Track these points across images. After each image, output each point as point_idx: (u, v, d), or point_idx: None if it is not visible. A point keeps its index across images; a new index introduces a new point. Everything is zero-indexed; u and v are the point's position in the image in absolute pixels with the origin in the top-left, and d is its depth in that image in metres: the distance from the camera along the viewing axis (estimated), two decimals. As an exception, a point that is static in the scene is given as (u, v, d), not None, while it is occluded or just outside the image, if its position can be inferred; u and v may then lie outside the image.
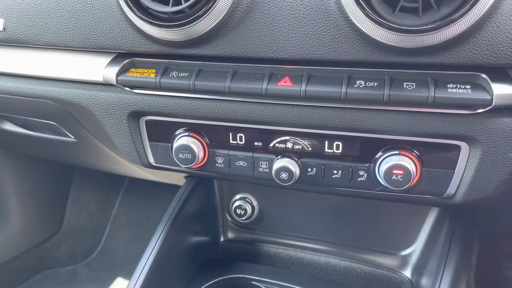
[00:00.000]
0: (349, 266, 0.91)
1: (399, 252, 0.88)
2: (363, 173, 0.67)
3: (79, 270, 1.90)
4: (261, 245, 0.98)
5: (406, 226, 0.86)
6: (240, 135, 0.71)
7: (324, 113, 0.64)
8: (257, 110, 0.66)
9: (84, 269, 1.91)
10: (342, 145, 0.67)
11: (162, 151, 0.75)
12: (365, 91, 0.59)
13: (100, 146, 0.94)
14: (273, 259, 0.96)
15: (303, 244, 0.96)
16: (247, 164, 0.72)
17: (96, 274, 1.87)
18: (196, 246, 0.94)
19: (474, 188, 0.63)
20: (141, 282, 0.78)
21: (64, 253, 1.92)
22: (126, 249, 1.96)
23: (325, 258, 0.93)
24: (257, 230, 0.99)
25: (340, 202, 0.87)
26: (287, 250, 0.96)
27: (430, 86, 0.57)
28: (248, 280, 0.90)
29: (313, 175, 0.69)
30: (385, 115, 0.61)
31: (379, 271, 0.88)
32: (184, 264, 0.90)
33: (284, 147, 0.69)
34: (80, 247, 1.95)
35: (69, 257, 1.92)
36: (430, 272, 0.79)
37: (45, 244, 1.88)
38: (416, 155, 0.64)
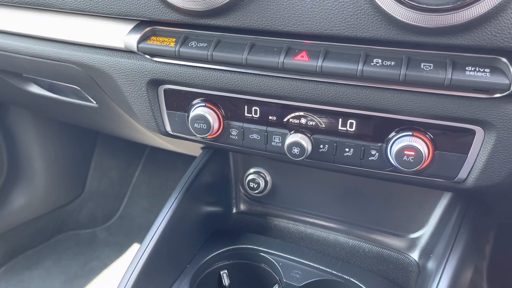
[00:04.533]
0: (357, 245, 0.92)
1: (408, 234, 0.88)
2: (375, 152, 0.67)
3: (98, 233, 1.97)
4: (272, 219, 1.00)
5: (417, 209, 0.86)
6: (255, 108, 0.72)
7: (339, 90, 0.64)
8: (272, 83, 0.66)
9: (103, 233, 1.98)
10: (356, 124, 0.67)
11: (178, 120, 0.77)
12: (382, 70, 0.59)
13: (121, 112, 0.97)
14: (282, 233, 0.97)
15: (313, 221, 0.97)
16: (261, 137, 0.73)
17: (114, 239, 1.94)
18: (208, 216, 0.96)
19: (486, 174, 0.63)
20: (151, 248, 0.81)
21: (85, 216, 1.99)
22: (144, 217, 2.02)
23: (334, 235, 0.94)
24: (269, 204, 1.01)
25: (352, 182, 0.88)
26: (297, 226, 0.98)
27: (448, 68, 0.56)
28: (257, 251, 0.92)
29: (324, 152, 0.70)
30: (400, 95, 0.61)
31: (386, 251, 0.89)
32: (195, 232, 0.93)
33: (297, 122, 0.70)
34: (101, 212, 2.02)
35: (89, 220, 2.00)
36: (436, 255, 0.79)
37: (67, 206, 1.96)
38: (429, 137, 0.63)
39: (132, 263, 0.79)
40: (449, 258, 0.73)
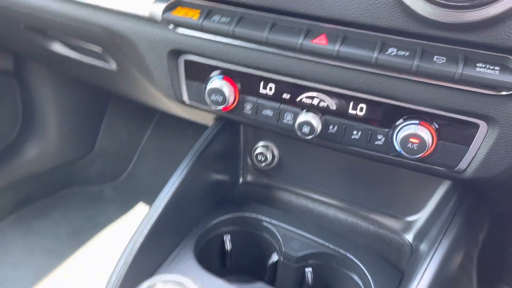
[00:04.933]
0: (356, 223, 0.96)
1: (405, 217, 0.92)
2: (381, 137, 0.70)
3: (105, 191, 2.04)
4: (276, 191, 1.04)
5: (416, 194, 0.90)
6: (270, 85, 0.74)
7: (354, 75, 0.66)
8: (290, 63, 0.69)
9: (110, 191, 2.04)
10: (366, 108, 0.70)
11: (196, 90, 0.80)
12: (396, 59, 0.61)
13: (139, 77, 1.00)
14: (285, 206, 1.02)
15: (315, 196, 1.01)
16: (273, 114, 0.76)
17: (121, 197, 2.00)
18: (216, 184, 1.01)
19: (485, 166, 0.66)
20: (161, 209, 0.85)
21: (94, 173, 2.05)
22: (150, 178, 2.08)
23: (334, 212, 0.98)
24: (274, 177, 1.05)
25: (356, 163, 0.91)
26: (299, 200, 1.02)
27: (460, 63, 0.58)
28: (259, 220, 0.97)
29: (333, 133, 0.73)
30: (411, 85, 0.64)
31: (382, 231, 0.93)
32: (202, 198, 0.97)
33: (310, 102, 0.73)
34: (109, 170, 2.07)
35: (97, 178, 2.06)
36: (429, 239, 0.83)
37: (77, 162, 2.01)
38: (434, 127, 0.66)
39: (142, 222, 0.84)
40: (441, 242, 0.77)
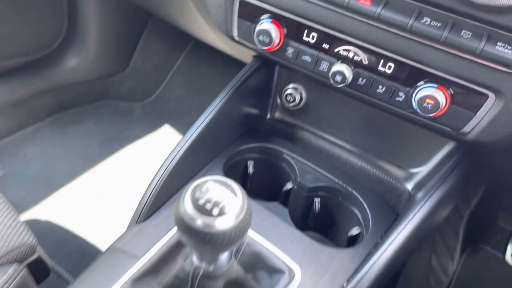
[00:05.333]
0: (364, 167, 1.08)
1: (408, 168, 1.04)
2: (402, 94, 0.81)
3: (134, 108, 2.18)
4: (298, 130, 1.16)
5: (422, 150, 1.01)
6: (313, 34, 0.84)
7: (389, 36, 0.76)
8: (334, 17, 0.78)
9: (139, 109, 2.18)
10: (394, 67, 0.80)
11: (246, 29, 0.90)
12: (428, 28, 0.70)
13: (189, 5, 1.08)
14: (305, 144, 1.14)
15: (332, 139, 1.12)
16: (311, 60, 0.86)
17: (148, 116, 2.15)
18: (246, 116, 1.12)
19: (486, 132, 0.77)
20: (198, 132, 0.97)
21: (125, 90, 2.18)
22: (178, 103, 2.21)
23: (347, 155, 1.10)
24: (299, 117, 1.16)
25: (374, 114, 1.00)
26: (318, 140, 1.13)
27: (483, 40, 0.68)
28: (280, 152, 1.10)
29: (361, 84, 0.84)
30: (437, 53, 0.73)
31: (387, 178, 1.06)
32: (233, 127, 1.09)
33: (345, 55, 0.83)
34: (139, 89, 2.20)
35: (128, 95, 2.19)
36: (425, 189, 0.96)
37: (112, 77, 2.13)
38: (450, 92, 0.76)
39: (183, 139, 0.97)
40: (434, 192, 0.90)
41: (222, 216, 0.58)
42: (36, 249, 0.96)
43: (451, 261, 1.54)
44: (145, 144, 2.01)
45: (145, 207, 0.89)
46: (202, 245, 0.59)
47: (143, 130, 2.07)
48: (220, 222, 0.58)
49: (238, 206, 0.59)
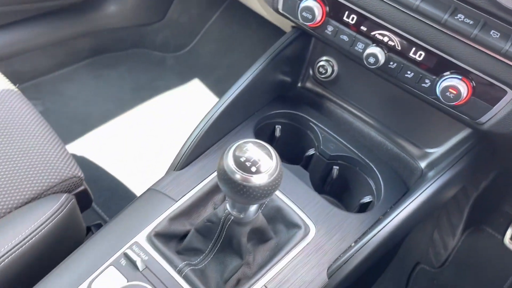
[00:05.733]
0: (383, 142, 1.16)
1: (425, 148, 1.12)
2: (428, 81, 0.88)
3: (167, 59, 2.25)
4: (326, 100, 1.23)
5: (439, 132, 1.08)
6: (353, 16, 0.90)
7: (424, 27, 0.82)
8: (375, 3, 0.84)
9: (172, 60, 2.25)
10: (424, 56, 0.86)
11: (291, 4, 0.96)
12: (460, 25, 0.77)
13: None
14: (330, 114, 1.21)
15: (356, 113, 1.19)
16: (348, 40, 0.93)
17: (180, 68, 2.22)
18: (279, 83, 1.20)
19: (500, 124, 0.84)
20: (235, 94, 1.05)
21: (160, 41, 2.25)
22: (209, 59, 2.27)
23: (368, 129, 1.18)
24: (328, 89, 1.23)
25: (399, 94, 1.06)
26: (343, 112, 1.21)
27: (509, 41, 0.74)
28: (307, 120, 1.18)
29: (392, 68, 0.91)
30: (466, 48, 0.80)
31: (403, 154, 1.14)
32: (265, 92, 1.17)
33: (381, 39, 0.89)
34: (174, 41, 2.26)
35: (162, 46, 2.25)
36: (437, 170, 1.04)
37: (148, 27, 2.20)
38: (472, 85, 0.83)
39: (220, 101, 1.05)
40: (445, 172, 0.99)
41: (258, 174, 0.68)
42: (83, 182, 1.08)
43: (452, 237, 1.63)
44: (175, 95, 2.10)
45: (183, 157, 1.00)
46: (238, 196, 0.70)
47: (174, 81, 2.16)
48: (256, 178, 0.68)
49: (272, 167, 0.69)
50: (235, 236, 0.83)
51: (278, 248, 0.91)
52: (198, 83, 2.17)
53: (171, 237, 0.90)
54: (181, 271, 0.83)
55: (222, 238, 0.84)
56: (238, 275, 0.88)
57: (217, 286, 0.86)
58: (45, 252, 0.94)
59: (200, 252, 0.88)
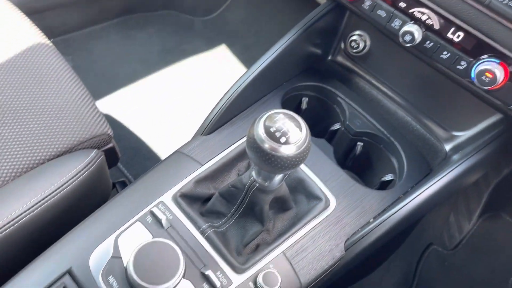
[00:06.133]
0: (409, 121, 1.15)
1: (452, 131, 1.11)
2: (464, 64, 0.86)
3: (195, 23, 2.24)
4: (355, 76, 1.22)
5: (469, 116, 1.07)
6: (392, -9, 0.89)
7: (467, 8, 0.80)
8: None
9: (200, 24, 2.24)
10: (462, 37, 0.85)
11: None
12: (505, 7, 0.75)
13: None
14: (359, 90, 1.21)
15: (385, 90, 1.18)
16: (386, 16, 0.91)
17: (208, 33, 2.21)
18: (309, 54, 1.19)
19: None
20: (267, 63, 1.05)
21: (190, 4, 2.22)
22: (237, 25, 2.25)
23: (395, 107, 1.17)
24: (358, 64, 1.22)
25: (430, 75, 1.04)
26: (372, 89, 1.20)
27: None
28: (334, 94, 1.18)
29: (427, 47, 0.89)
30: (508, 31, 0.78)
31: (428, 135, 1.13)
32: (295, 63, 1.15)
33: (419, 17, 0.88)
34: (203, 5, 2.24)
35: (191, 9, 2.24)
36: (461, 153, 1.04)
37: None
38: (510, 70, 0.82)
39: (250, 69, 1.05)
40: (470, 157, 0.98)
41: (287, 144, 0.69)
42: (111, 139, 1.12)
43: (468, 221, 1.64)
44: (202, 59, 2.10)
45: (211, 123, 1.01)
46: (265, 164, 0.71)
47: (201, 46, 2.16)
48: (284, 148, 0.69)
49: (301, 139, 0.70)
50: (258, 203, 0.85)
51: (298, 218, 0.94)
52: (225, 49, 2.16)
53: (196, 199, 0.93)
54: (204, 231, 0.86)
55: (245, 204, 0.87)
56: (258, 240, 0.91)
57: (237, 249, 0.89)
58: (74, 205, 0.98)
59: (222, 216, 0.91)
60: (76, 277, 0.80)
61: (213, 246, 0.86)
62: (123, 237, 0.84)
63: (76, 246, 0.84)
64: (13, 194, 0.91)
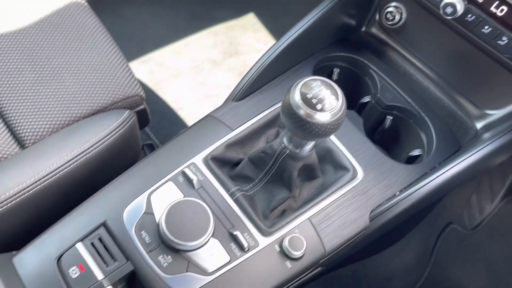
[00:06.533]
0: (441, 97, 1.13)
1: (484, 109, 1.08)
2: (506, 39, 0.85)
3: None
4: (388, 48, 1.20)
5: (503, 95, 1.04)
6: (437, -38, 0.86)
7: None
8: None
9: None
10: (506, 11, 0.83)
11: None
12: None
13: None
14: (392, 63, 1.18)
15: (418, 64, 1.15)
16: (427, -15, 0.89)
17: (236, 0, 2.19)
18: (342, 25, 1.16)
19: None
20: (295, 36, 1.04)
21: (219, -30, 2.20)
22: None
23: (428, 82, 1.14)
24: (392, 37, 1.19)
25: (467, 50, 1.02)
26: (404, 63, 1.17)
27: None
28: (367, 66, 1.16)
29: (469, 21, 0.87)
30: (555, 7, 0.76)
31: (460, 112, 1.11)
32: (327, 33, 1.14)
33: (463, -12, 0.86)
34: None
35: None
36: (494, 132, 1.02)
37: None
38: (552, 48, 0.80)
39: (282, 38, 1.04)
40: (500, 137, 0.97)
41: (322, 112, 0.70)
42: (143, 101, 1.14)
43: (491, 202, 1.63)
44: (230, 27, 2.09)
45: (242, 89, 1.02)
46: (299, 130, 0.72)
47: (230, 13, 2.14)
48: (320, 116, 0.70)
49: (337, 107, 0.71)
50: (287, 170, 0.87)
51: (324, 187, 0.95)
52: (254, 18, 2.14)
53: (225, 163, 0.95)
54: (233, 194, 0.89)
55: (274, 169, 0.88)
56: (284, 206, 0.93)
57: (263, 213, 0.91)
58: (107, 162, 1.02)
59: (250, 180, 0.93)
60: (111, 230, 0.84)
61: (241, 209, 0.88)
62: (155, 194, 0.87)
63: (111, 200, 0.88)
64: (51, 149, 0.94)
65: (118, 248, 0.83)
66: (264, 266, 0.85)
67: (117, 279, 0.80)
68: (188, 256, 0.81)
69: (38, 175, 0.90)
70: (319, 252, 0.88)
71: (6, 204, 0.87)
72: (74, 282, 0.79)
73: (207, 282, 0.81)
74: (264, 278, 0.84)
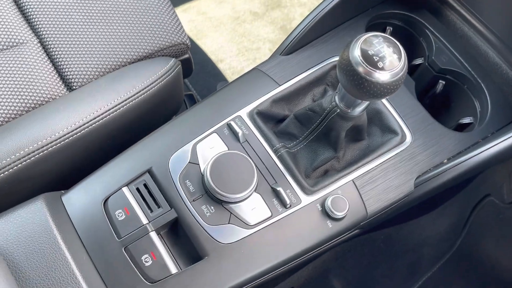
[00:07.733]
0: (499, 64, 1.02)
1: None
2: None
3: None
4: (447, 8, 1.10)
5: None
6: None
7: None
8: None
9: None
10: None
11: None
12: None
13: None
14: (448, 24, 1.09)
15: (478, 26, 1.05)
16: None
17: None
18: None
19: None
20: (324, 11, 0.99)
21: None
22: None
23: (487, 47, 1.04)
24: None
25: None
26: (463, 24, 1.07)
27: None
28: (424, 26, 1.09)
29: None
30: None
31: None
32: None
33: None
34: None
35: None
36: None
37: None
38: None
39: None
40: None
41: (383, 71, 0.67)
42: (188, 50, 1.12)
43: (534, 178, 1.57)
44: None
45: (291, 43, 0.99)
46: (355, 89, 0.70)
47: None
48: (380, 74, 0.67)
49: (399, 67, 0.67)
50: (335, 129, 0.85)
51: (370, 149, 0.93)
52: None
53: (270, 118, 0.94)
54: (277, 150, 0.88)
55: (321, 128, 0.87)
56: (327, 166, 0.92)
57: (305, 172, 0.90)
58: (151, 109, 1.02)
59: (294, 138, 0.91)
60: (156, 177, 0.85)
61: (284, 166, 0.87)
62: (200, 145, 0.87)
63: (157, 148, 0.88)
64: (98, 93, 0.95)
65: (162, 195, 0.84)
66: (305, 224, 0.85)
67: (160, 225, 0.82)
68: (230, 208, 0.82)
69: (86, 118, 0.91)
70: (361, 214, 0.87)
71: (55, 145, 0.88)
72: (120, 224, 0.82)
73: (248, 234, 0.82)
74: (305, 236, 0.84)
